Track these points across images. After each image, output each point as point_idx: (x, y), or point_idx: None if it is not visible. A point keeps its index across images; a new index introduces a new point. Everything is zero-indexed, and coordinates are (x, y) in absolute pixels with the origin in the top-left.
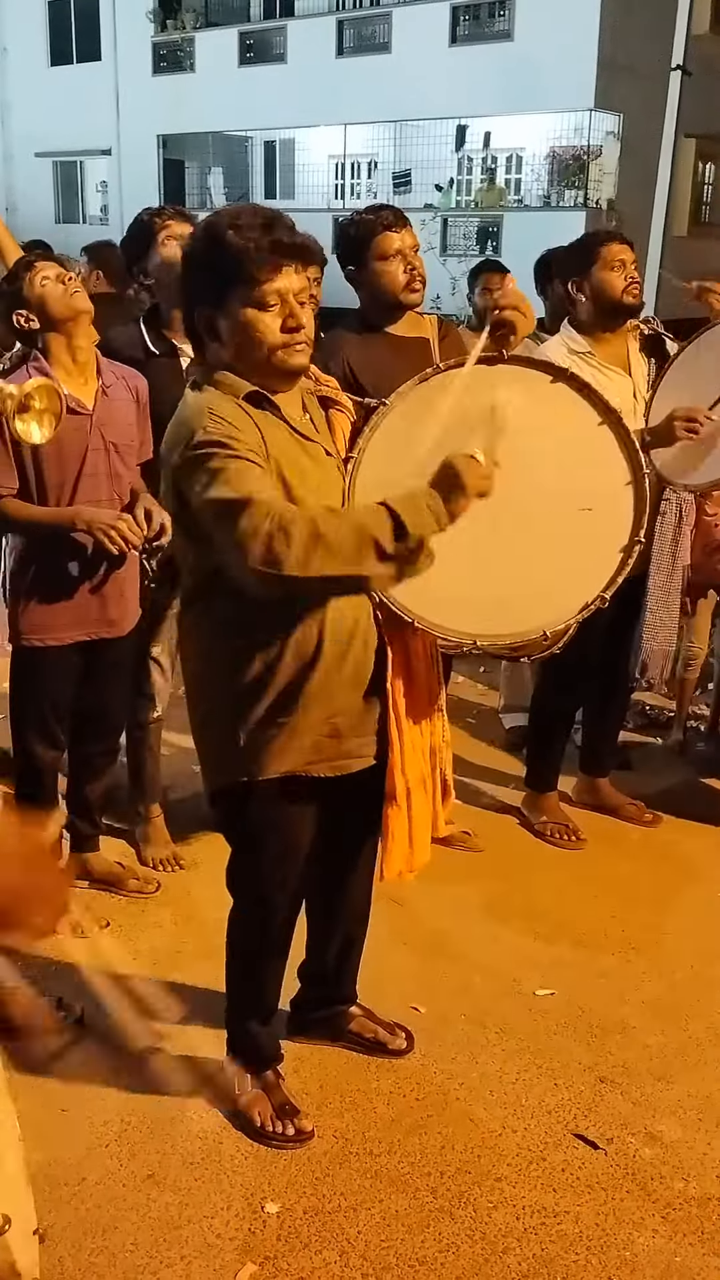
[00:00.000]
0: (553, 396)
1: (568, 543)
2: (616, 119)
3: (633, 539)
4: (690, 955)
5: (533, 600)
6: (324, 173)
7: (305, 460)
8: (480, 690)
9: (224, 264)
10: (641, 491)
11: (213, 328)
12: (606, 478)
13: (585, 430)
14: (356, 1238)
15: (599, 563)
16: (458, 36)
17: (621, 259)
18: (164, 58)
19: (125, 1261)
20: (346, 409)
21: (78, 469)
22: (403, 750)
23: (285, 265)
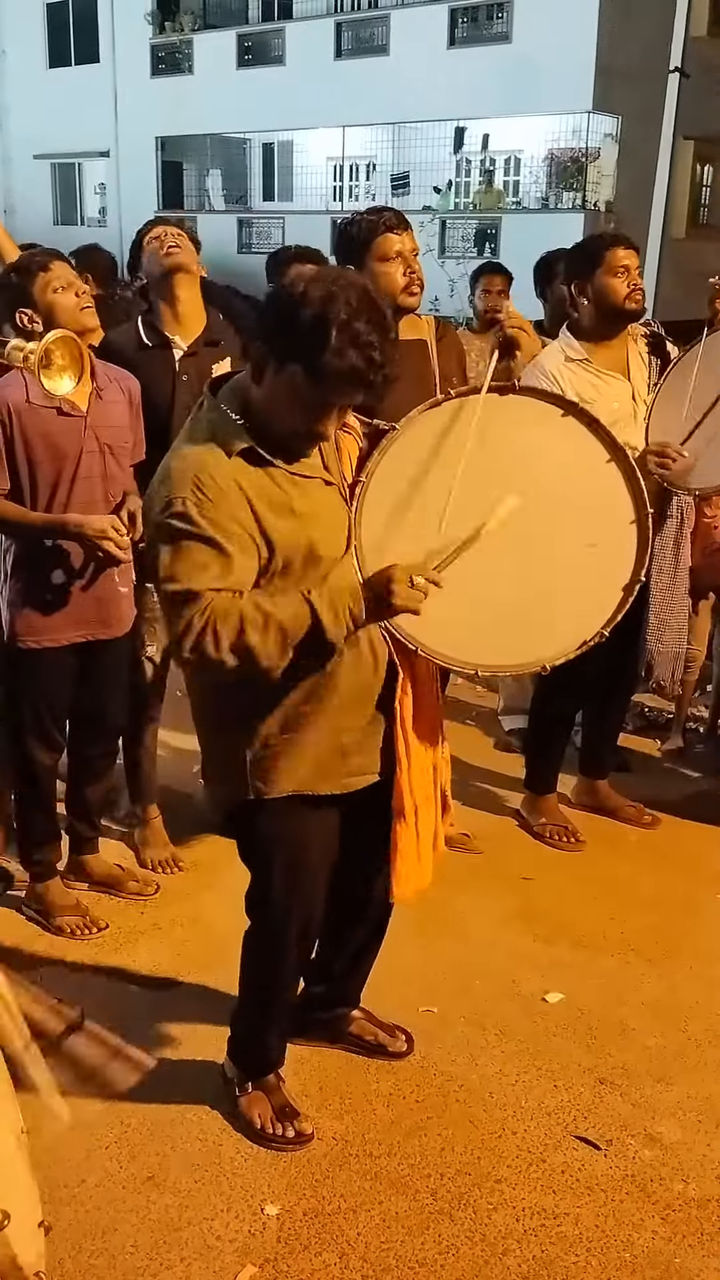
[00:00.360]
0: (563, 431)
1: (572, 577)
2: (615, 121)
3: (634, 578)
4: (689, 957)
5: (535, 633)
6: (322, 175)
7: (303, 502)
8: (479, 692)
9: (307, 349)
10: (645, 531)
11: (261, 369)
12: (612, 515)
13: (594, 466)
14: (356, 1239)
15: (601, 599)
16: (456, 39)
17: (625, 264)
18: (162, 60)
19: (125, 1263)
20: (355, 432)
21: (73, 471)
22: (410, 767)
23: (355, 395)
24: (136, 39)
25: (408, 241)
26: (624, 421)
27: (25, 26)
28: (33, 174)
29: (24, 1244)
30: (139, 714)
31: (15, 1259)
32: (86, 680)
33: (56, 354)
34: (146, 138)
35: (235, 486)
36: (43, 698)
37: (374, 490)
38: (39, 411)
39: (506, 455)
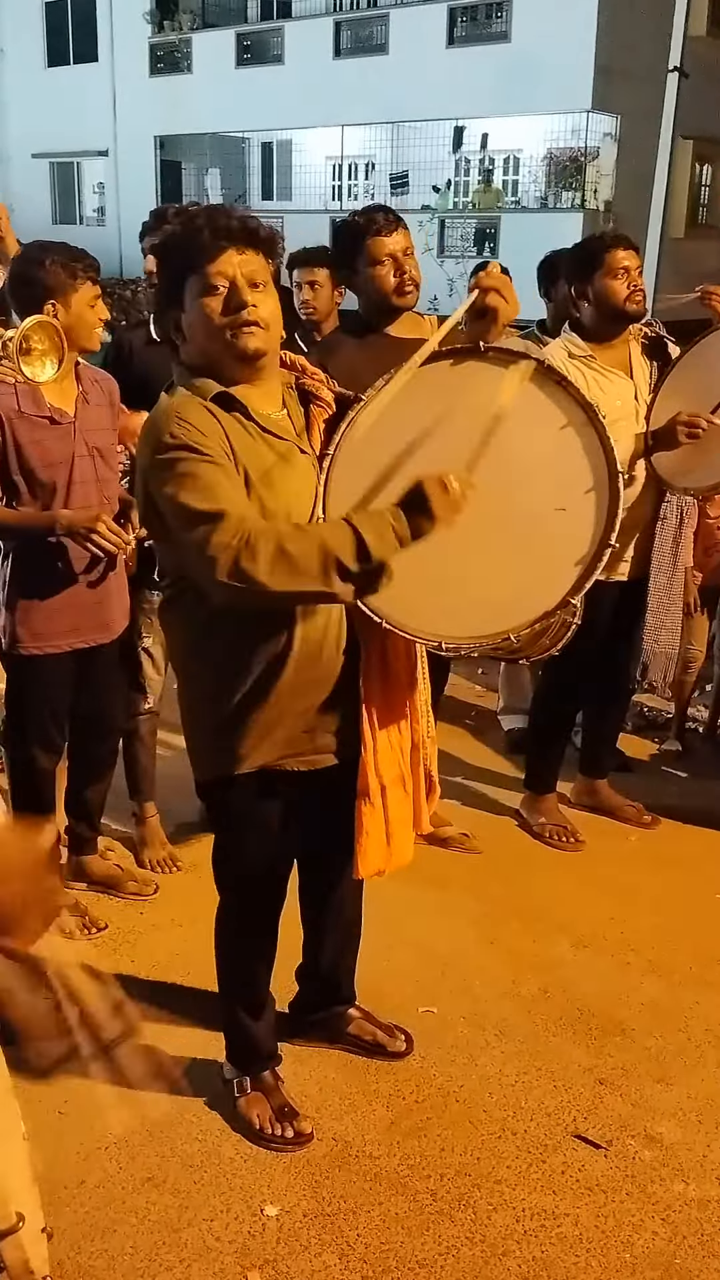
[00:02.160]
0: (529, 393)
1: (538, 544)
2: (614, 120)
3: (602, 543)
4: (689, 956)
5: (501, 603)
6: (321, 174)
7: (275, 461)
8: (479, 692)
9: (176, 257)
10: (613, 493)
11: (179, 326)
12: (579, 478)
13: (560, 429)
14: (356, 1240)
15: (569, 566)
16: (455, 38)
17: (625, 266)
18: (161, 59)
19: (124, 1264)
20: (326, 404)
21: (67, 477)
22: (376, 748)
23: (225, 248)
24: (135, 38)
25: (399, 241)
26: (626, 420)
27: (24, 25)
28: (31, 173)
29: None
30: (134, 709)
31: (28, 1262)
32: (85, 683)
33: (35, 339)
34: (145, 137)
35: (214, 421)
36: (44, 702)
37: (341, 461)
38: (31, 420)
39: (475, 419)
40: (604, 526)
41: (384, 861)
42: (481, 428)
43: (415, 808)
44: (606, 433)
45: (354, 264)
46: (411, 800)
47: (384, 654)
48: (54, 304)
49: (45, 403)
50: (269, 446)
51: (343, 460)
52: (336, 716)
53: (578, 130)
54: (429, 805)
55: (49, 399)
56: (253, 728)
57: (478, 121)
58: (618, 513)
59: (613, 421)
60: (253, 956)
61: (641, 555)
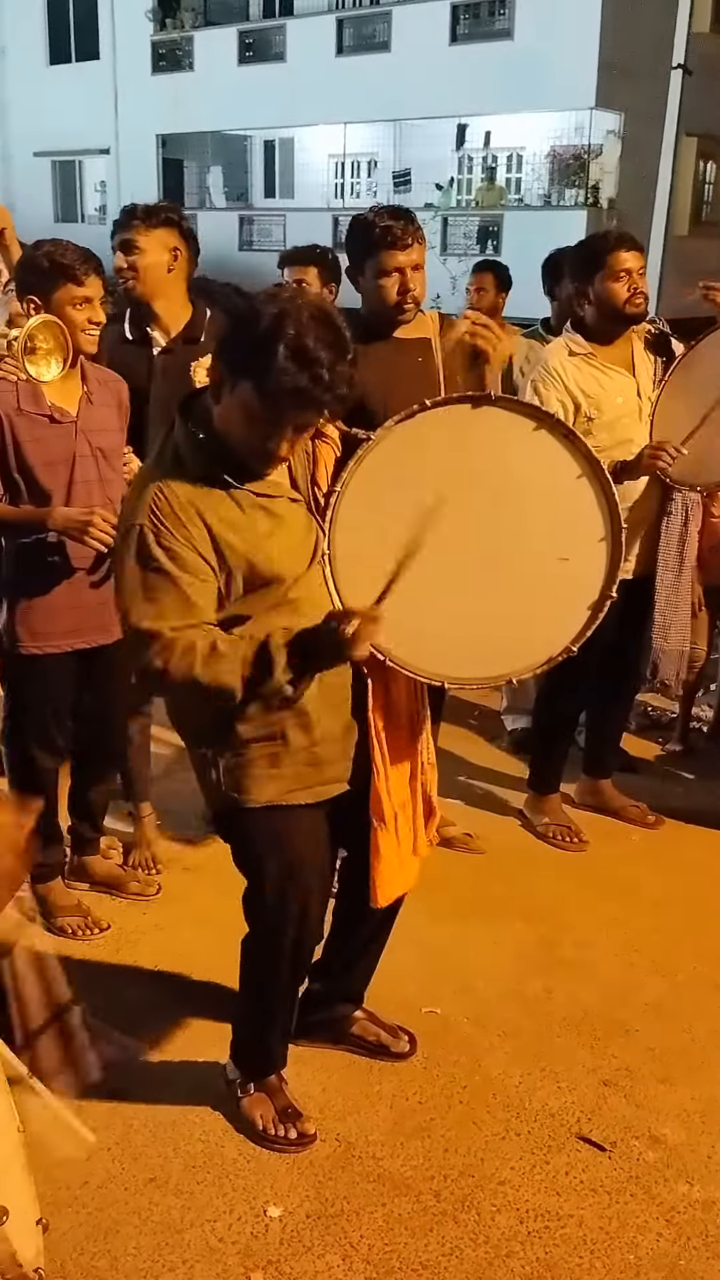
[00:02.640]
0: (536, 443)
1: (542, 592)
2: (617, 118)
3: (604, 594)
4: (693, 957)
5: (504, 646)
6: (323, 172)
7: (266, 522)
8: (482, 692)
9: (257, 365)
10: (617, 547)
11: (219, 387)
12: (584, 530)
13: (566, 480)
14: (359, 1242)
15: (571, 614)
16: (458, 35)
17: (627, 268)
18: (163, 57)
19: (127, 1265)
20: (332, 441)
21: (68, 476)
22: (388, 775)
23: (298, 415)
24: (137, 36)
25: (412, 256)
26: (629, 418)
27: (26, 23)
28: (33, 171)
29: (23, 1240)
30: (133, 710)
31: (15, 1255)
32: (88, 683)
33: (40, 338)
34: (147, 135)
35: (193, 511)
36: (46, 702)
37: (349, 499)
38: (30, 418)
39: (481, 468)
40: (607, 576)
41: (402, 884)
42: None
43: (415, 833)
44: (612, 489)
45: (362, 265)
46: (411, 825)
47: (388, 686)
48: (32, 301)
49: (45, 401)
50: (261, 511)
51: (349, 500)
52: (344, 746)
53: (581, 128)
54: (428, 830)
55: (50, 398)
56: (257, 763)
57: (481, 119)
58: (619, 565)
59: (614, 419)
60: (276, 993)
61: (646, 553)
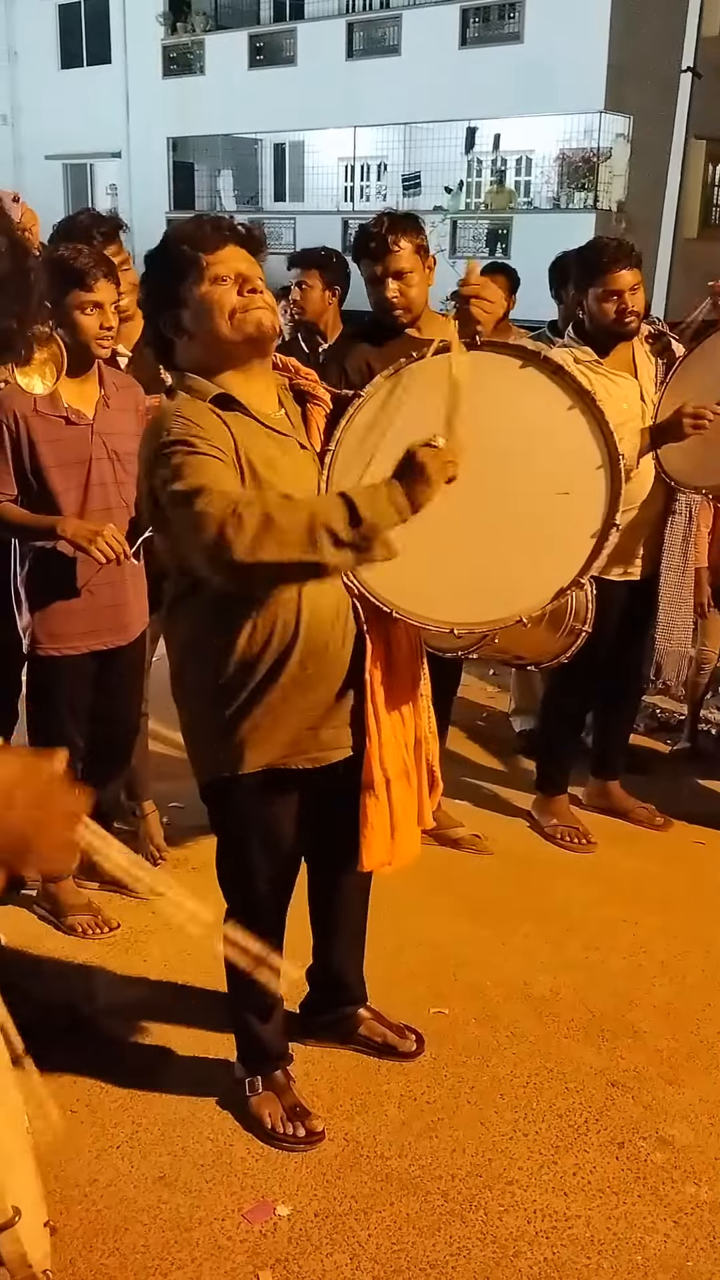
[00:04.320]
0: (524, 381)
1: (544, 528)
2: (626, 121)
3: (607, 524)
4: (701, 959)
5: (510, 586)
6: (333, 175)
7: (278, 454)
8: (490, 693)
9: (174, 258)
10: (616, 475)
11: (178, 325)
12: (581, 461)
13: (557, 414)
14: (367, 1240)
15: (576, 547)
16: (468, 39)
17: (619, 288)
18: (174, 60)
19: (136, 1263)
20: (324, 402)
21: (84, 479)
22: (381, 741)
23: (228, 243)
24: (148, 40)
25: (395, 262)
26: (633, 422)
27: (38, 27)
28: (45, 174)
29: (32, 1241)
30: None
31: (25, 1256)
32: (103, 684)
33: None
34: (158, 138)
35: (215, 419)
36: (64, 702)
37: (342, 457)
38: (46, 419)
39: (471, 412)
40: (608, 506)
41: (388, 854)
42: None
43: (419, 803)
44: (605, 416)
45: (361, 271)
46: (416, 795)
47: (388, 646)
48: None
49: (62, 403)
50: (271, 440)
51: (344, 455)
52: (342, 711)
53: (590, 131)
54: (431, 800)
55: (68, 400)
56: (257, 726)
57: (490, 122)
58: (620, 493)
59: (619, 424)
60: None
61: (651, 555)
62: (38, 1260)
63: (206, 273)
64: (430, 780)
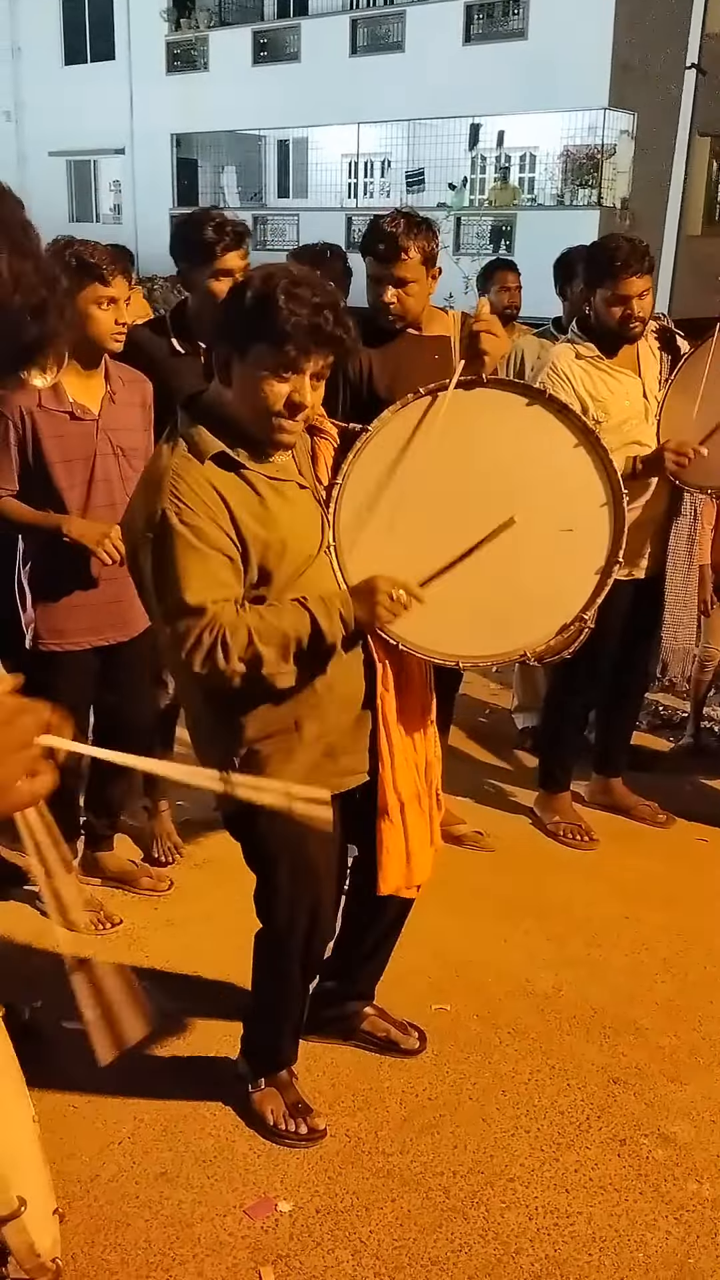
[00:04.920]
0: (530, 419)
1: (549, 564)
2: (631, 118)
3: (610, 560)
4: (703, 956)
5: (514, 621)
6: (337, 172)
7: (277, 503)
8: (492, 690)
9: (263, 323)
10: (619, 513)
11: (227, 368)
12: (585, 498)
13: (562, 452)
14: (369, 1237)
15: (579, 583)
16: (472, 35)
17: (627, 294)
18: (178, 57)
19: (138, 1259)
20: (331, 437)
21: (88, 474)
22: (394, 765)
23: (314, 351)
24: (152, 36)
25: (391, 270)
26: (635, 419)
27: (41, 24)
28: (48, 171)
29: (39, 1230)
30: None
31: (33, 1245)
32: (108, 680)
33: None
34: (162, 135)
35: (210, 489)
36: (66, 698)
37: (350, 491)
38: (51, 415)
39: (476, 448)
40: (612, 543)
41: (404, 879)
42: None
43: (430, 824)
44: (609, 455)
45: (365, 263)
46: (427, 818)
47: (400, 673)
48: None
49: (67, 398)
50: (273, 492)
51: (350, 490)
52: (359, 736)
53: (594, 128)
54: (436, 820)
55: (73, 395)
56: (273, 756)
57: (494, 119)
58: (624, 530)
59: (622, 421)
60: (290, 988)
61: (656, 554)
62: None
63: (279, 363)
64: (435, 801)
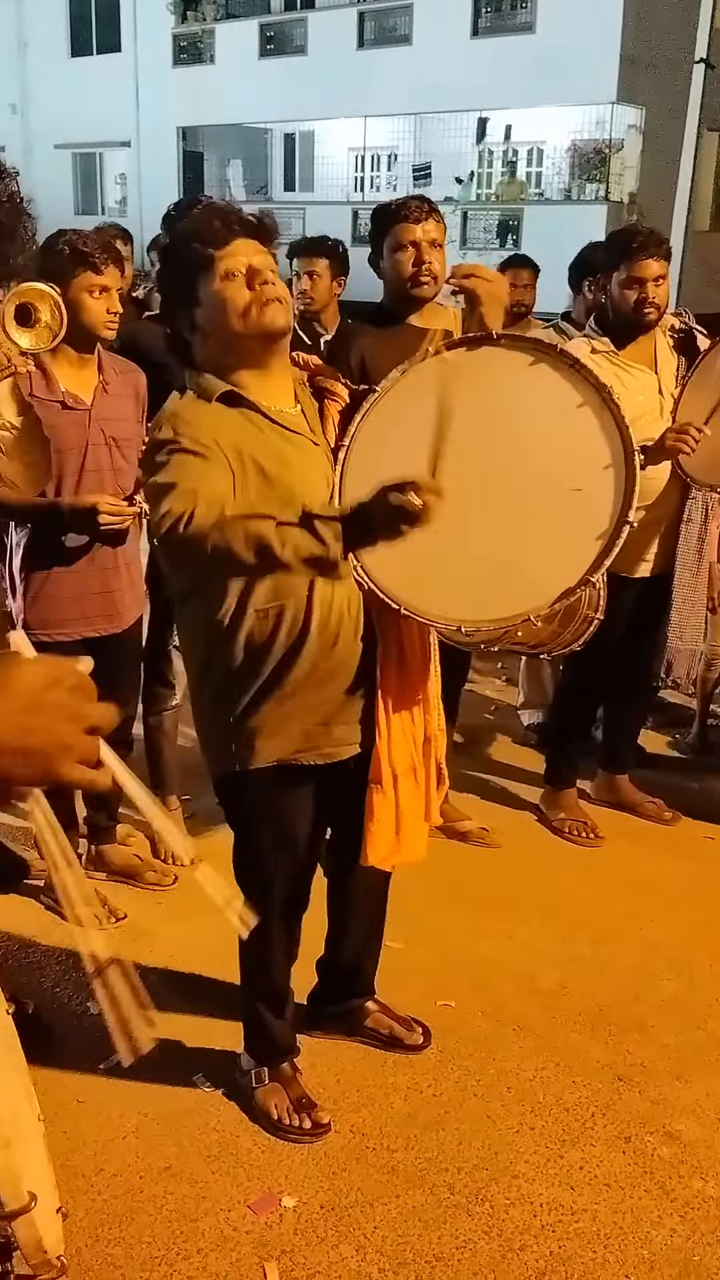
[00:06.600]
0: (535, 376)
1: (553, 526)
2: (638, 112)
3: (619, 521)
4: (708, 954)
5: (519, 584)
6: (344, 165)
7: (288, 450)
8: (499, 686)
9: (185, 255)
10: (629, 471)
11: (193, 323)
12: (593, 458)
13: (568, 410)
14: (373, 1233)
15: (585, 545)
16: (479, 29)
17: (642, 277)
18: (184, 49)
19: (142, 1253)
20: (340, 397)
21: (79, 464)
22: (390, 737)
23: (236, 237)
24: (158, 28)
25: (428, 231)
26: (650, 415)
27: (48, 16)
28: (54, 163)
29: (45, 1227)
30: (161, 701)
31: (40, 1241)
32: (96, 672)
33: (41, 309)
34: (168, 127)
35: (214, 424)
36: None
37: (357, 452)
38: (43, 404)
39: (484, 409)
40: (622, 503)
41: (392, 850)
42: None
43: (426, 800)
44: (621, 412)
45: (379, 247)
46: (423, 792)
47: (400, 641)
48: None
49: (58, 387)
50: (279, 436)
51: (358, 450)
52: (354, 707)
53: (602, 122)
54: (437, 797)
55: (65, 385)
56: (268, 722)
57: (501, 113)
58: (634, 489)
59: (635, 418)
60: (273, 954)
61: (665, 552)
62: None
63: (217, 269)
64: (438, 777)
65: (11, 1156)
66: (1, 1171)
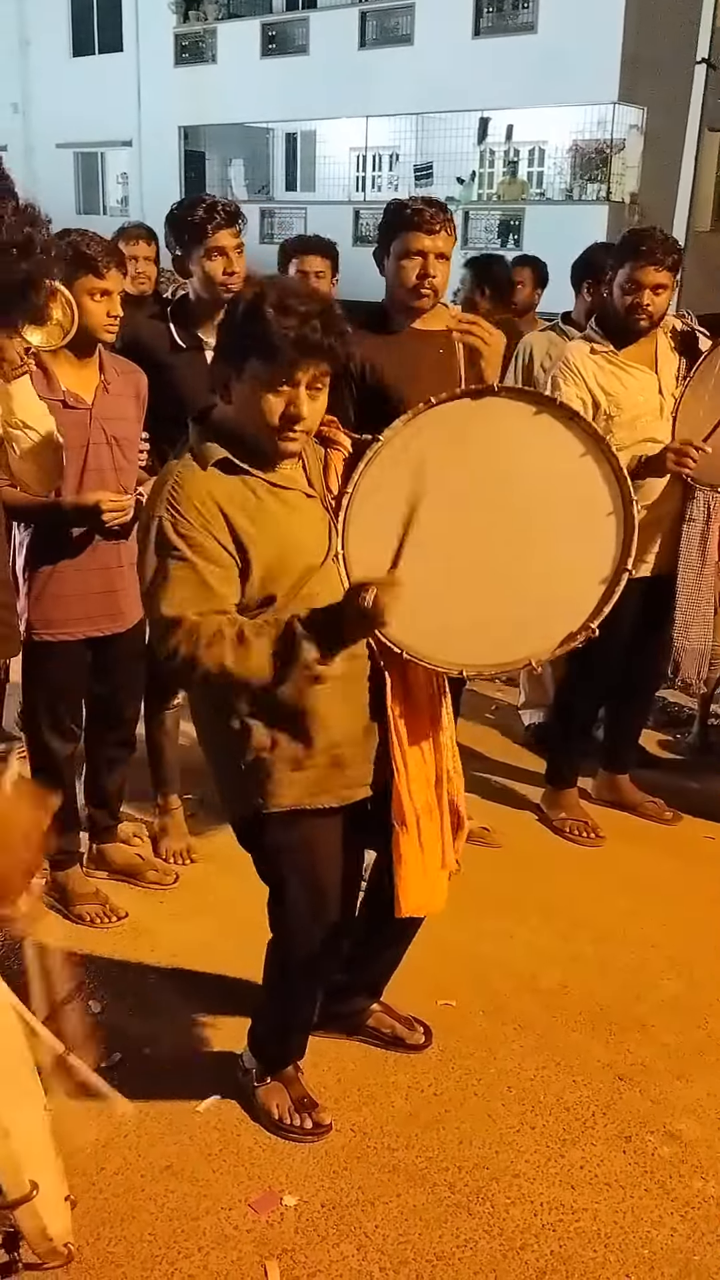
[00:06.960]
0: (538, 427)
1: (555, 573)
2: (640, 112)
3: (619, 568)
4: (709, 953)
5: (520, 630)
6: (345, 165)
7: (276, 506)
8: (499, 686)
9: (254, 337)
10: (628, 520)
11: (226, 386)
12: (593, 507)
13: (570, 460)
14: (374, 1232)
15: (586, 593)
16: (481, 28)
17: (639, 282)
18: (186, 49)
19: (143, 1251)
20: (343, 447)
21: (81, 463)
22: (409, 775)
23: (305, 362)
24: (160, 28)
25: (438, 243)
26: (649, 415)
27: (50, 15)
28: (56, 163)
29: (52, 1215)
30: (163, 701)
31: (45, 1229)
32: (99, 672)
33: (53, 307)
34: (169, 127)
35: (209, 499)
36: (58, 688)
37: (359, 501)
38: (44, 402)
39: (485, 457)
40: (621, 550)
41: (427, 897)
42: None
43: (442, 844)
44: (619, 463)
45: (386, 248)
46: (439, 836)
47: (406, 681)
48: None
49: (59, 387)
50: (275, 499)
51: (359, 500)
52: (365, 747)
53: (604, 122)
54: (456, 843)
55: (65, 384)
56: (282, 765)
57: (503, 113)
58: (634, 537)
59: (635, 417)
60: (300, 994)
61: (667, 551)
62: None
63: (272, 377)
64: (455, 821)
65: (11, 1146)
66: (2, 1160)
